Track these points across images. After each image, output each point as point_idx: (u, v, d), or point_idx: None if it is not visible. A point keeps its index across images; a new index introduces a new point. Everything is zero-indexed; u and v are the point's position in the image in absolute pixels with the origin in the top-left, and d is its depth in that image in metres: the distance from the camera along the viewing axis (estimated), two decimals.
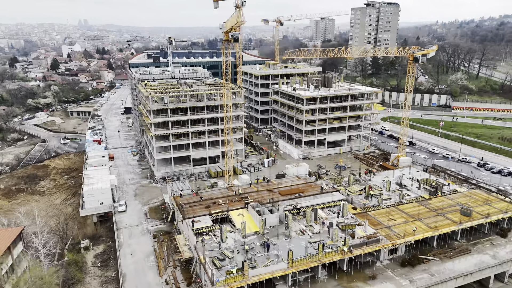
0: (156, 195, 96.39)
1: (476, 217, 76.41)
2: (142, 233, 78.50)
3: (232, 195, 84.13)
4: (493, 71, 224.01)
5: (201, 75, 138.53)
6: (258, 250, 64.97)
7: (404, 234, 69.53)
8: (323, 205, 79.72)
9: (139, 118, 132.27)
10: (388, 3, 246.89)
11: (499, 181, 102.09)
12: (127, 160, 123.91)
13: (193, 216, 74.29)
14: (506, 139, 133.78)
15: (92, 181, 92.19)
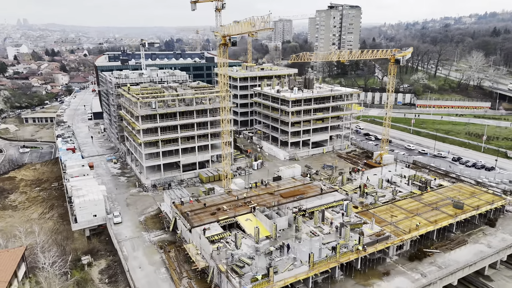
0: (150, 204, 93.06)
1: (468, 209, 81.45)
2: (146, 245, 75.46)
3: (234, 200, 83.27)
4: (449, 70, 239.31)
5: (179, 78, 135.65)
6: (275, 255, 64.92)
7: (410, 230, 72.59)
8: (327, 206, 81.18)
9: (116, 124, 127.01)
10: (351, 6, 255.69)
11: (476, 174, 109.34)
12: (108, 169, 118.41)
13: (201, 224, 72.69)
14: (472, 134, 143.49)
15: (82, 192, 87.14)
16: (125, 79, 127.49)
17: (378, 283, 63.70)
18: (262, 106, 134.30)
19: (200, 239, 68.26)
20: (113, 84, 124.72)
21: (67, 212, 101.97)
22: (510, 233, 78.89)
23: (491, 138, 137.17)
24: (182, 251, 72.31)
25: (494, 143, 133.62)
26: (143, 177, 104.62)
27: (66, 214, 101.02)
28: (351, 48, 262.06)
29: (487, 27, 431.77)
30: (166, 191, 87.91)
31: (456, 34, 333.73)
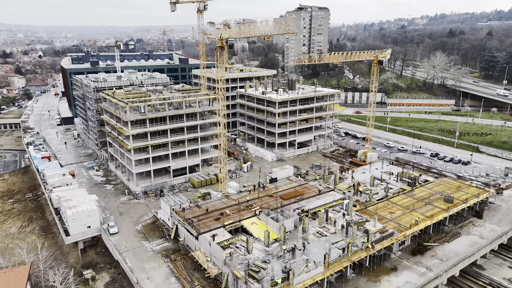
0: (144, 212, 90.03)
1: (458, 203, 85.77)
2: (149, 254, 72.92)
3: (235, 204, 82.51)
4: (415, 70, 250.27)
5: (159, 81, 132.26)
6: (287, 257, 65.04)
7: (410, 225, 75.30)
8: (327, 206, 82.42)
9: (96, 129, 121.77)
10: (319, 8, 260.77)
11: (454, 168, 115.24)
12: (91, 177, 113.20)
13: (208, 230, 71.50)
14: (445, 131, 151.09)
15: (72, 203, 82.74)
16: (104, 82, 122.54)
17: (388, 279, 65.55)
18: (247, 107, 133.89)
19: (210, 245, 67.00)
20: (91, 88, 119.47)
21: (49, 224, 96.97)
22: (497, 223, 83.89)
23: (462, 134, 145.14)
24: (189, 259, 70.65)
25: (465, 139, 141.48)
26: (132, 184, 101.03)
27: (48, 226, 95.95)
28: (320, 48, 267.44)
29: (440, 28, 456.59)
30: (163, 198, 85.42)
31: (415, 35, 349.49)
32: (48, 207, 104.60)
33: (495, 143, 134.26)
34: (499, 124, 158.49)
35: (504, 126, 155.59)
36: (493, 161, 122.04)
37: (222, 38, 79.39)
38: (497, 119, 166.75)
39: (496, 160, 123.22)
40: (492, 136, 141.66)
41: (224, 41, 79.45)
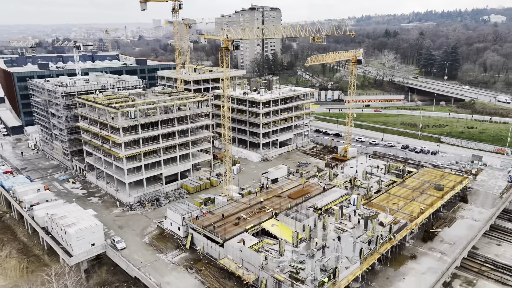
0: (146, 223, 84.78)
1: (448, 190, 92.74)
2: (170, 267, 68.90)
3: (246, 207, 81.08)
4: (365, 68, 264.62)
5: (130, 84, 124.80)
6: (318, 256, 65.57)
7: (418, 214, 79.90)
8: (336, 202, 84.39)
9: (66, 138, 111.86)
10: (271, 8, 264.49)
11: (426, 158, 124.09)
12: (68, 190, 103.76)
13: (232, 235, 69.49)
14: (406, 124, 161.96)
15: (70, 220, 75.23)
16: (72, 87, 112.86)
17: (412, 267, 68.99)
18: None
19: (241, 251, 65.15)
20: (59, 93, 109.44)
21: (27, 246, 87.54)
22: (481, 206, 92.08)
23: (423, 126, 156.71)
24: (214, 267, 68.09)
25: (427, 131, 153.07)
26: (123, 195, 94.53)
27: (26, 249, 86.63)
28: (274, 48, 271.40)
29: (370, 28, 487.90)
30: (170, 207, 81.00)
31: (359, 35, 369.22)
32: (19, 227, 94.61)
33: (454, 134, 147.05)
34: (449, 116, 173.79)
35: (455, 118, 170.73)
36: (455, 150, 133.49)
37: (229, 39, 77.28)
38: (445, 112, 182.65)
39: (458, 149, 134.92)
40: (449, 127, 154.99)
41: (230, 42, 77.45)
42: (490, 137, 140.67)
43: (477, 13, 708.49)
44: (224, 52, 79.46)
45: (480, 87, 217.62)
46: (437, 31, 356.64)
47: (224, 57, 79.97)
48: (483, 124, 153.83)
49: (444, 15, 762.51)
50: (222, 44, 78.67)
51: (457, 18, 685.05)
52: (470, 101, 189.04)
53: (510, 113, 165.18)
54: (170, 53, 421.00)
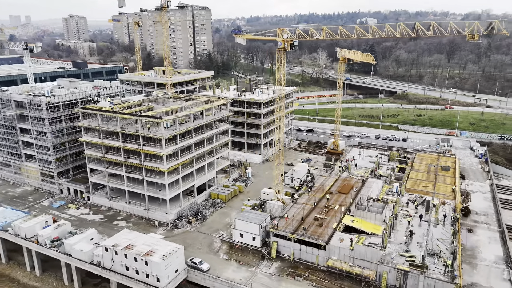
0: (207, 239, 77.69)
1: (452, 170, 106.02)
2: (274, 280, 65.11)
3: (313, 207, 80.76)
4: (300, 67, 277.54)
5: (114, 90, 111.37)
6: (414, 243, 69.80)
7: (453, 194, 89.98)
8: (384, 190, 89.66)
9: (54, 157, 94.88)
10: (201, 7, 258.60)
11: (399, 145, 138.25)
12: (77, 217, 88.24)
13: (328, 237, 68.99)
14: (365, 116, 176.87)
15: (142, 248, 65.02)
16: (58, 96, 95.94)
17: (478, 239, 77.23)
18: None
19: (352, 249, 65.33)
20: (43, 105, 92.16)
21: None
22: (477, 180, 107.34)
23: (378, 117, 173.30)
24: (317, 271, 66.91)
25: (385, 120, 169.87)
26: (156, 213, 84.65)
27: None
28: (205, 48, 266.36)
29: (264, 28, 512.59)
30: (239, 217, 75.88)
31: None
32: (17, 271, 78.25)
33: (408, 122, 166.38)
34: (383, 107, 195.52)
35: (403, 108, 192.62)
36: (417, 136, 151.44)
37: (288, 39, 75.40)
38: (384, 103, 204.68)
39: (418, 134, 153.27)
40: (401, 116, 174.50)
41: (289, 42, 75.73)
42: (438, 122, 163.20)
43: (353, 16, 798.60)
44: (283, 53, 77.19)
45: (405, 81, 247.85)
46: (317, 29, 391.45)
47: (283, 57, 77.71)
48: (428, 111, 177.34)
49: (326, 17, 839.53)
50: (279, 44, 76.38)
51: (338, 20, 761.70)
52: (403, 92, 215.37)
53: (439, 102, 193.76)
54: (68, 54, 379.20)
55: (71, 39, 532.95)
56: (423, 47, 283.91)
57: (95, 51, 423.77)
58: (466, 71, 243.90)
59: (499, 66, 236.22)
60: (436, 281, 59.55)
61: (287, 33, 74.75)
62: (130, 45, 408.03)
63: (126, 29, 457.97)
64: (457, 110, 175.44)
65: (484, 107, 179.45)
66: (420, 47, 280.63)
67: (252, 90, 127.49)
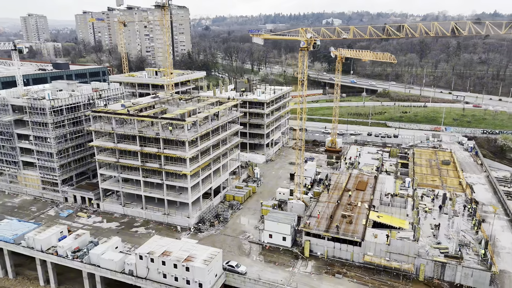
0: (235, 241, 76.59)
1: (452, 164, 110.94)
2: (316, 278, 65.28)
3: (336, 205, 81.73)
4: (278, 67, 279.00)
5: (113, 92, 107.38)
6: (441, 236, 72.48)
7: (462, 186, 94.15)
8: (397, 185, 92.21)
9: (58, 164, 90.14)
10: (178, 6, 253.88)
11: (392, 141, 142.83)
12: (92, 226, 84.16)
13: (362, 233, 70.15)
14: (354, 114, 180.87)
15: (179, 254, 63.08)
16: (60, 100, 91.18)
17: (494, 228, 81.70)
18: None
19: (389, 244, 66.74)
20: (47, 109, 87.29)
21: None
22: (473, 172, 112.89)
23: (366, 115, 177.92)
24: (352, 268, 67.93)
25: (374, 118, 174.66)
26: (180, 217, 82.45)
27: None
28: (184, 48, 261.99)
29: (236, 29, 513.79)
30: (268, 218, 75.38)
31: (238, 36, 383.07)
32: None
33: (395, 119, 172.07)
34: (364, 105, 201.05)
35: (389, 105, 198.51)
36: (406, 132, 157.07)
37: (312, 39, 75.75)
38: (367, 101, 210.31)
39: (407, 131, 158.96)
40: (387, 114, 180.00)
41: (312, 42, 76.14)
42: (424, 119, 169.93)
43: (318, 17, 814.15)
44: (305, 53, 77.46)
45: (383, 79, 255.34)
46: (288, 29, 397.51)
47: (305, 58, 77.95)
48: (412, 108, 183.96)
49: (292, 18, 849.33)
50: (302, 44, 76.64)
51: (304, 21, 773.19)
52: (384, 90, 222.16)
53: (420, 99, 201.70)
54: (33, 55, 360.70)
55: (30, 39, 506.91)
56: (395, 46, 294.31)
57: (60, 52, 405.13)
58: (438, 69, 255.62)
59: (468, 64, 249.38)
60: (474, 270, 62.12)
61: (311, 33, 75.14)
62: (98, 46, 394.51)
63: (91, 28, 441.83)
64: (438, 106, 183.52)
65: (464, 103, 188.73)
66: (393, 47, 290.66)
67: (252, 90, 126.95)
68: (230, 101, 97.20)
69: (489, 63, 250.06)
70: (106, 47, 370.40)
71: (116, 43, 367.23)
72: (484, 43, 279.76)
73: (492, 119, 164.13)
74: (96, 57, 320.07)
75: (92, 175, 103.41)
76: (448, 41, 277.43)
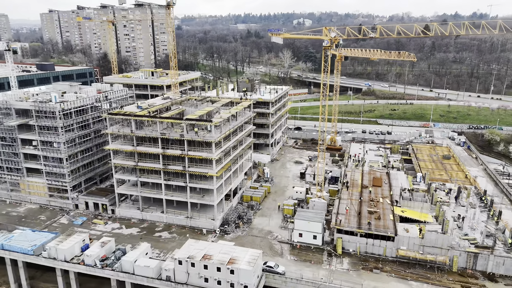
0: (265, 242, 76.03)
1: (452, 158, 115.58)
2: (355, 275, 66.08)
3: (359, 201, 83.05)
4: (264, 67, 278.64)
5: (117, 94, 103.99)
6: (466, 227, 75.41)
7: (470, 179, 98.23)
8: (410, 180, 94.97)
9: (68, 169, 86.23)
10: (159, 5, 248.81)
11: (386, 138, 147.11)
12: (113, 233, 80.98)
13: (393, 228, 71.72)
14: (344, 112, 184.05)
15: (220, 257, 61.95)
16: (69, 102, 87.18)
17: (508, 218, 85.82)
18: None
19: (422, 238, 68.58)
20: (57, 112, 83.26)
21: None
22: (470, 166, 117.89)
23: (356, 113, 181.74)
24: (386, 262, 69.37)
25: (364, 116, 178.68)
26: (204, 220, 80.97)
27: None
28: (165, 48, 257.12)
29: (207, 29, 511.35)
30: (297, 218, 75.42)
31: (215, 36, 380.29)
32: None
33: (385, 116, 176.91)
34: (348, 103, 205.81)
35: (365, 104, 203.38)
36: (397, 129, 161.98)
37: (336, 38, 76.59)
38: (354, 99, 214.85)
39: (398, 127, 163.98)
40: (377, 111, 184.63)
41: (336, 41, 77.00)
42: (412, 116, 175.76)
43: (289, 17, 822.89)
44: (329, 52, 78.15)
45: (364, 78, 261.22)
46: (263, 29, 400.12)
47: (329, 57, 78.58)
48: (399, 106, 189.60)
49: (263, 18, 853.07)
50: (326, 43, 77.30)
51: (275, 21, 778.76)
52: (369, 88, 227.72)
53: (404, 97, 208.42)
54: None
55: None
56: (373, 45, 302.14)
57: (28, 52, 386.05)
58: (417, 68, 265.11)
59: (442, 63, 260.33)
60: (506, 259, 65.05)
61: (335, 32, 76.00)
62: (67, 46, 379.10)
63: (58, 28, 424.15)
64: (424, 104, 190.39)
65: (448, 100, 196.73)
66: (371, 46, 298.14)
67: (254, 90, 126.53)
68: (244, 101, 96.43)
69: (462, 61, 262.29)
70: (77, 47, 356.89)
71: (87, 43, 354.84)
72: (456, 43, 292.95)
73: (476, 115, 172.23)
74: (67, 58, 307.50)
75: (100, 180, 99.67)
76: (423, 41, 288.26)
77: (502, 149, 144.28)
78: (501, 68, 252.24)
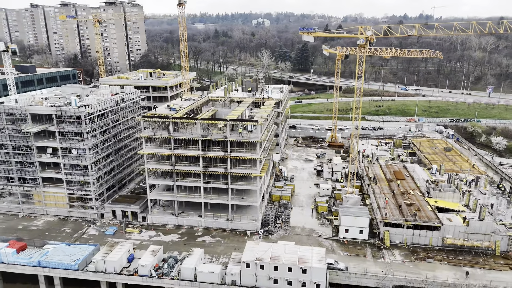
0: (311, 240, 76.42)
1: (453, 151, 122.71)
2: (411, 265, 68.37)
3: (394, 194, 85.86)
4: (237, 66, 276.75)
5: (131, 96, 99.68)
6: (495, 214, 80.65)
7: (478, 170, 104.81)
8: (427, 173, 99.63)
9: (93, 177, 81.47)
10: (132, 3, 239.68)
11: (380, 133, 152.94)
12: (157, 242, 77.38)
13: (434, 219, 75.00)
14: (330, 110, 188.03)
15: (287, 257, 61.59)
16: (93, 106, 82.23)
17: None
18: None
19: (467, 226, 72.32)
20: (83, 116, 78.34)
21: None
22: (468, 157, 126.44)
23: (344, 110, 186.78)
24: (433, 251, 72.59)
25: (352, 112, 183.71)
26: (246, 221, 79.81)
27: None
28: (139, 48, 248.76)
29: (159, 28, 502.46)
30: (343, 214, 76.54)
31: (192, 34, 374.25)
32: None
33: (372, 113, 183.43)
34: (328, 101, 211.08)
35: None
36: (386, 124, 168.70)
37: (371, 37, 78.37)
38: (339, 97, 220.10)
39: (386, 123, 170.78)
40: (363, 108, 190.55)
41: (372, 39, 78.87)
42: (397, 111, 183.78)
43: (247, 17, 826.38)
44: (364, 50, 79.83)
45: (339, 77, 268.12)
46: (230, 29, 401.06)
47: (364, 55, 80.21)
48: (383, 102, 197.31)
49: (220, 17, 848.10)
50: (361, 41, 78.95)
51: (234, 21, 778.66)
52: (348, 86, 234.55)
53: (384, 94, 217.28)
54: None
55: None
56: (342, 44, 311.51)
57: None
58: (387, 67, 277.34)
59: (409, 61, 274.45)
60: None
61: (371, 30, 77.95)
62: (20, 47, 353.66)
63: (6, 27, 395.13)
64: (406, 100, 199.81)
65: (423, 96, 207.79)
66: (341, 45, 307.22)
67: (260, 90, 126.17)
68: (268, 100, 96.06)
69: (427, 60, 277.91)
70: (32, 48, 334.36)
71: (44, 43, 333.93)
72: (419, 42, 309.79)
73: (454, 109, 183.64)
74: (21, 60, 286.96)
75: (118, 187, 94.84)
76: (390, 40, 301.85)
77: (484, 140, 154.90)
78: (463, 65, 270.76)
